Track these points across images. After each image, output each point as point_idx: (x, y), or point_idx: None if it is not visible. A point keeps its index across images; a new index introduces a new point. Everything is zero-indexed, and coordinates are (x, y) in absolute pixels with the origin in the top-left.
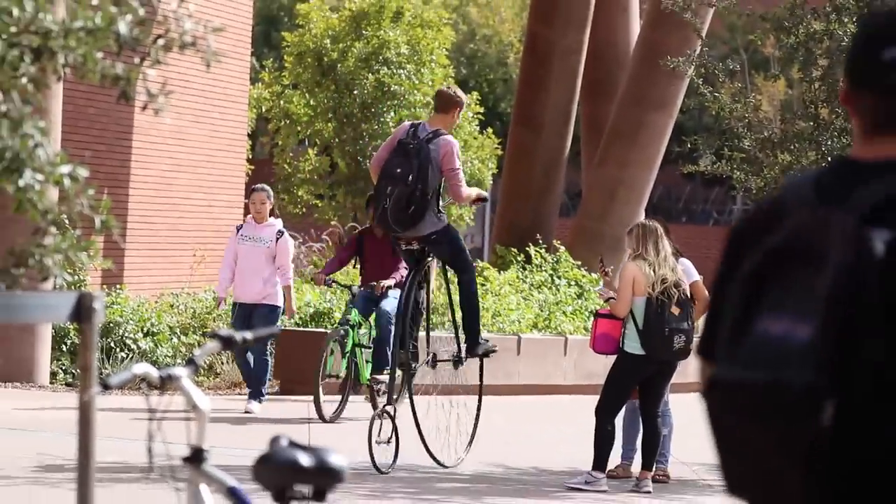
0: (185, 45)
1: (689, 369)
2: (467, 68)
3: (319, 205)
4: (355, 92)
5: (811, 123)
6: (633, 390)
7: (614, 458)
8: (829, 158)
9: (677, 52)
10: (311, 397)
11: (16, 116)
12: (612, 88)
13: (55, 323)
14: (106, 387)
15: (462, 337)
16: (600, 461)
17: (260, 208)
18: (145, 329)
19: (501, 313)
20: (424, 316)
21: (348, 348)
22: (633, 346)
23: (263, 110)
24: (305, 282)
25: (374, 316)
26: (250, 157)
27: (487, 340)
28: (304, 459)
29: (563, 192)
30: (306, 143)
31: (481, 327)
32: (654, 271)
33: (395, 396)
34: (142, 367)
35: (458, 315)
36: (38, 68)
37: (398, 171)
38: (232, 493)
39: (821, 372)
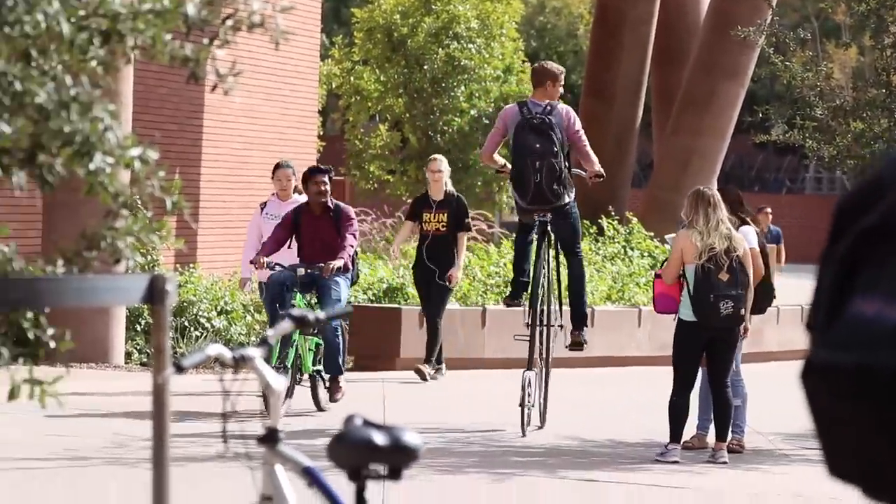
0: (254, 25)
1: (764, 338)
2: (537, 41)
3: (391, 180)
4: (425, 67)
5: (883, 91)
6: (698, 359)
7: (690, 430)
8: None
9: (748, 21)
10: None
11: (85, 100)
12: (683, 58)
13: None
14: (179, 368)
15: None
16: (673, 433)
17: (286, 185)
18: (219, 308)
19: None
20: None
21: (295, 337)
22: (686, 312)
23: (333, 87)
24: (378, 257)
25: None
26: (321, 133)
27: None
28: (379, 438)
29: (635, 163)
30: (377, 118)
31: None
32: (702, 239)
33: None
34: (215, 349)
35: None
36: (108, 51)
37: (537, 146)
38: (307, 472)
39: None
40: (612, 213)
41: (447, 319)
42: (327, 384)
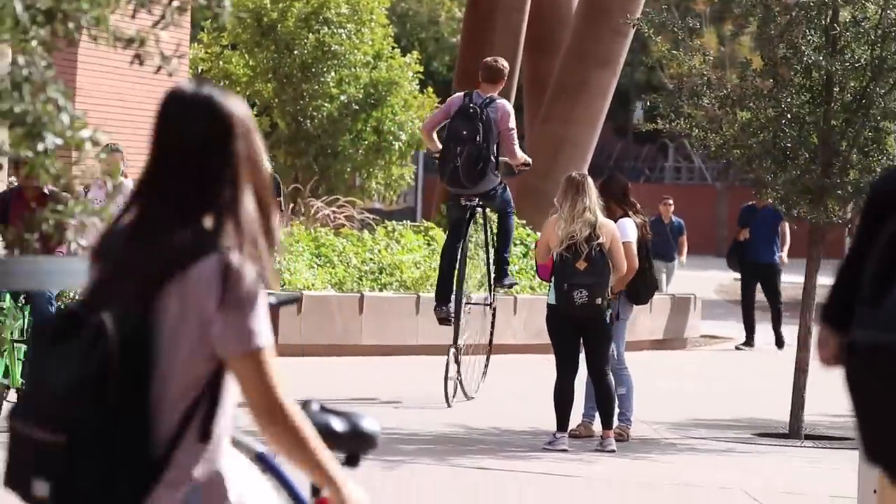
0: (201, 7)
1: (639, 328)
2: (399, 27)
3: None
4: (295, 52)
5: (770, 81)
6: (572, 344)
7: (577, 417)
8: (789, 115)
9: (620, 10)
10: None
11: (38, 80)
12: (556, 46)
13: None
14: None
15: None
16: (560, 421)
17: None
18: None
19: None
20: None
21: (6, 346)
22: (551, 296)
23: (201, 71)
24: None
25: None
26: None
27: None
28: (338, 424)
29: None
30: (245, 103)
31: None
32: (564, 227)
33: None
34: None
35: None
36: (49, 31)
37: (464, 133)
38: (260, 458)
39: None
40: None
41: (322, 305)
42: None
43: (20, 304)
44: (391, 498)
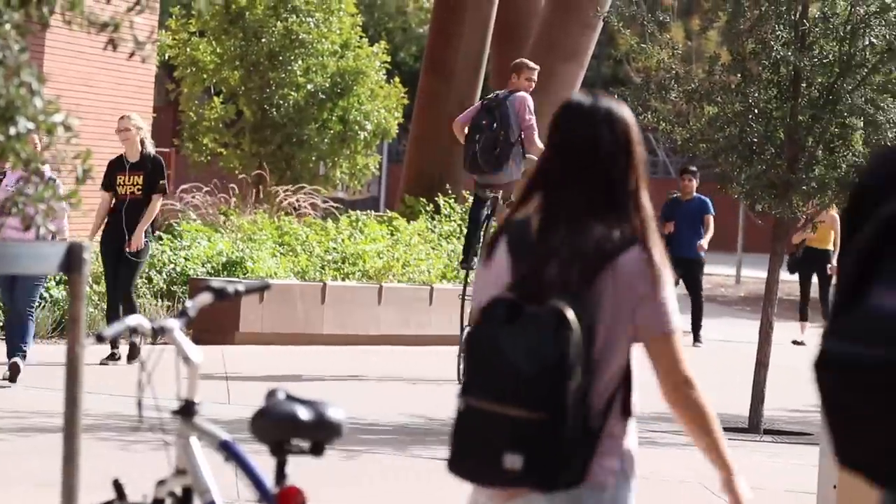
0: None
1: None
2: (367, 16)
3: (224, 153)
4: (263, 40)
5: (738, 76)
6: None
7: None
8: (756, 110)
9: (590, 2)
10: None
11: (12, 64)
12: (524, 36)
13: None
14: (100, 338)
15: None
16: None
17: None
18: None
19: (412, 263)
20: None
21: None
22: None
23: (168, 58)
24: (215, 230)
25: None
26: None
27: None
28: (304, 413)
29: None
30: (212, 90)
31: None
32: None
33: None
34: (134, 319)
35: None
36: (23, 14)
37: (484, 122)
38: (224, 446)
39: None
40: (449, 191)
41: (285, 294)
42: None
43: None
44: (352, 487)
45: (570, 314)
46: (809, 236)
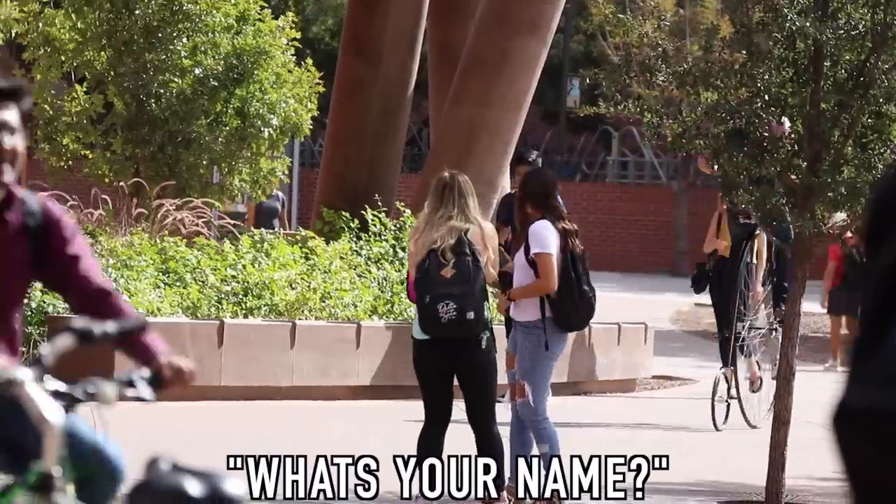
0: None
1: (575, 365)
2: None
3: (90, 156)
4: (137, 12)
5: (743, 53)
6: (441, 385)
7: None
8: (766, 97)
9: None
10: None
11: None
12: (469, 7)
13: None
14: None
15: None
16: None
17: None
18: None
19: (332, 295)
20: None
21: None
22: (416, 328)
23: (15, 34)
24: None
25: None
26: None
27: None
28: (193, 487)
29: (405, 140)
30: (72, 77)
31: None
32: (419, 237)
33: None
34: None
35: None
36: None
37: None
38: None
39: None
40: (379, 204)
41: (171, 335)
42: None
43: None
44: None
45: None
46: (721, 244)
